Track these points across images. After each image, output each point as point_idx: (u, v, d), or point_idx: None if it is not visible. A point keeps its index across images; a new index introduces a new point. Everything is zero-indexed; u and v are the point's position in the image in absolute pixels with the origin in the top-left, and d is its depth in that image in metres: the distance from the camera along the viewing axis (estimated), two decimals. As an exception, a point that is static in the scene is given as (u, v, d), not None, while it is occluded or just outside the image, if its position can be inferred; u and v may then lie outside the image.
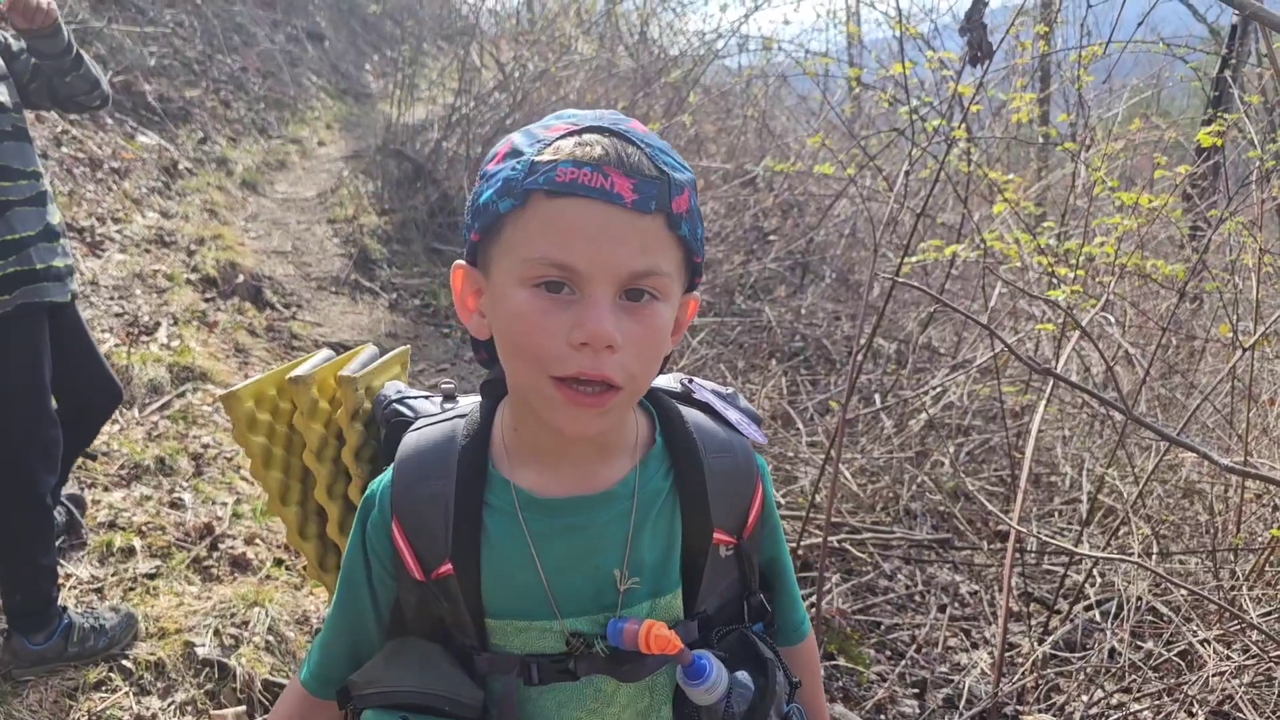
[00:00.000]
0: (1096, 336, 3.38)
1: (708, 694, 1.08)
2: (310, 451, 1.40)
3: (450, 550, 1.07)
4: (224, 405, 1.40)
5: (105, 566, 2.93)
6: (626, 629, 1.05)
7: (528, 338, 0.96)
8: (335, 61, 11.19)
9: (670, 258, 0.98)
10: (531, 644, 1.09)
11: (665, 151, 0.99)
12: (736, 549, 1.14)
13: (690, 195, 0.99)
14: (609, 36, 9.05)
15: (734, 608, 1.18)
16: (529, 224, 0.95)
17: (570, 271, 0.93)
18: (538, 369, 0.96)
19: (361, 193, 7.44)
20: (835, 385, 5.00)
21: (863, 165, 4.95)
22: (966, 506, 3.90)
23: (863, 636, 3.25)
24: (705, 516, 1.10)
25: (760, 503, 1.16)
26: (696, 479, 1.11)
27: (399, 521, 1.09)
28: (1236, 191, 3.69)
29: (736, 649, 1.15)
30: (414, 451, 1.12)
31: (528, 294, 0.95)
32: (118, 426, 3.67)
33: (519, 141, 0.98)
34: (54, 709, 2.37)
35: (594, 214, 0.92)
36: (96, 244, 5.06)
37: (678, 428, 1.13)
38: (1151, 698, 2.80)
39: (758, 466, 1.17)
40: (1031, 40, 3.41)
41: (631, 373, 0.97)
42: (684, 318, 1.08)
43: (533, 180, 0.94)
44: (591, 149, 0.94)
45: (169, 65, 7.89)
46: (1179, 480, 3.72)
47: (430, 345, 5.74)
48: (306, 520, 1.46)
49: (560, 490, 1.08)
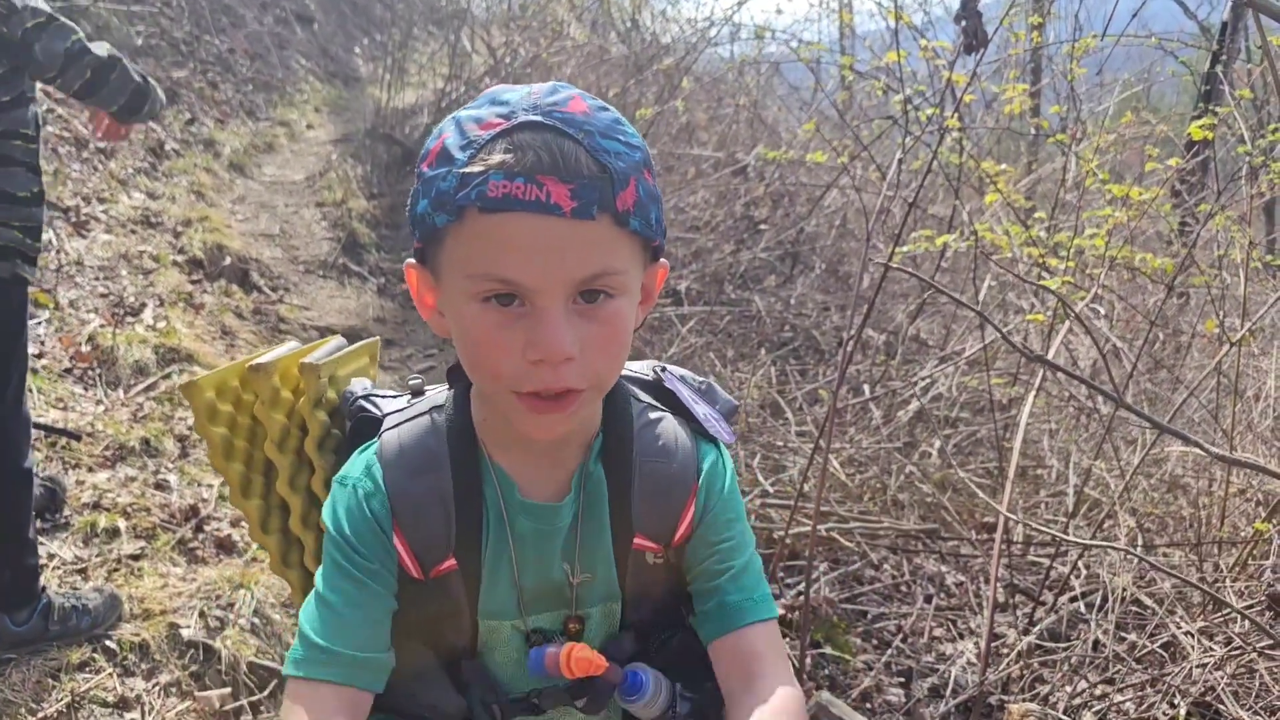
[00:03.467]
0: (1088, 328, 3.39)
1: (648, 708, 1.08)
2: (271, 442, 1.35)
3: (454, 544, 1.04)
4: (184, 395, 1.35)
5: (89, 547, 2.90)
6: (547, 655, 1.04)
7: (484, 356, 0.93)
8: (324, 44, 11.10)
9: (623, 254, 0.93)
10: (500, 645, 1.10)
11: (609, 132, 0.92)
12: (664, 557, 1.10)
13: (638, 183, 0.92)
14: (601, 22, 9.01)
15: (672, 614, 1.16)
16: (468, 241, 0.91)
17: (516, 286, 0.90)
18: (499, 385, 0.94)
19: (350, 176, 7.40)
20: (824, 375, 5.00)
21: (855, 155, 4.94)
22: (954, 498, 3.91)
23: (849, 625, 3.26)
24: (627, 521, 1.08)
25: (692, 513, 1.11)
26: (624, 484, 1.08)
27: (398, 521, 1.05)
28: (1225, 187, 3.70)
29: (680, 654, 1.14)
30: (399, 450, 1.08)
31: (478, 309, 0.92)
32: (103, 408, 3.64)
33: (450, 141, 0.92)
34: (36, 689, 2.35)
35: (532, 228, 0.87)
36: (82, 224, 5.01)
37: (617, 427, 1.09)
38: (1135, 688, 2.82)
39: (699, 473, 1.11)
40: (1025, 32, 3.41)
41: (596, 372, 0.95)
42: (654, 285, 1.04)
43: (464, 195, 0.88)
44: (524, 155, 0.87)
45: (156, 45, 7.82)
46: (1164, 474, 3.74)
47: (418, 330, 5.71)
48: (269, 514, 1.42)
49: (538, 488, 1.07)
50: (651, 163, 0.98)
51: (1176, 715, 2.63)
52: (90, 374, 3.82)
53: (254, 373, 1.33)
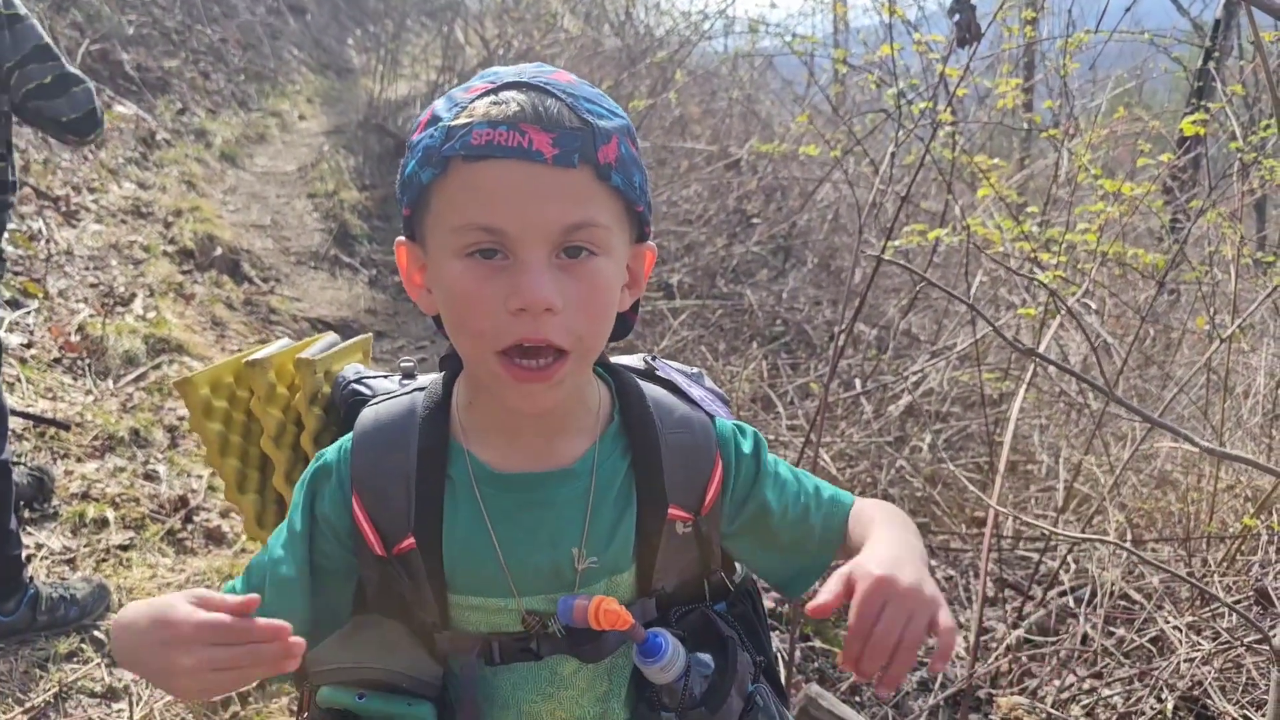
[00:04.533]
0: (1079, 322, 3.39)
1: (663, 672, 1.06)
2: (268, 437, 1.36)
3: (413, 523, 1.04)
4: (179, 392, 1.36)
5: (77, 538, 2.89)
6: (576, 605, 1.03)
7: (467, 310, 0.94)
8: (317, 35, 11.06)
9: (605, 209, 0.95)
10: (489, 622, 1.07)
11: (592, 100, 0.95)
12: (695, 525, 1.11)
13: (621, 142, 0.95)
14: (595, 15, 8.99)
15: (694, 587, 1.16)
16: (452, 192, 0.93)
17: (499, 235, 0.91)
18: (482, 345, 0.95)
19: (342, 168, 7.38)
20: (816, 369, 5.00)
21: (848, 150, 4.94)
22: (944, 492, 3.92)
23: (839, 619, 3.27)
24: (660, 493, 1.08)
25: (720, 476, 1.12)
26: (652, 455, 1.08)
27: (359, 496, 1.06)
28: (1216, 184, 3.71)
29: (697, 629, 1.13)
30: (373, 425, 1.09)
31: (462, 265, 0.93)
32: (92, 398, 3.62)
33: (439, 107, 0.96)
34: (24, 679, 2.35)
35: (515, 174, 0.90)
36: (72, 213, 4.99)
37: (635, 403, 1.11)
38: (1123, 682, 2.83)
39: (718, 441, 1.13)
40: (1019, 26, 3.41)
41: (578, 334, 0.95)
42: (641, 268, 1.05)
43: (450, 147, 0.91)
44: (506, 106, 0.91)
45: (147, 35, 7.78)
46: (1153, 470, 3.75)
47: (410, 322, 5.70)
48: (264, 509, 1.43)
49: (518, 466, 1.06)
50: (634, 134, 1.00)
51: (1164, 709, 2.64)
52: (79, 364, 3.81)
53: (250, 368, 1.35)
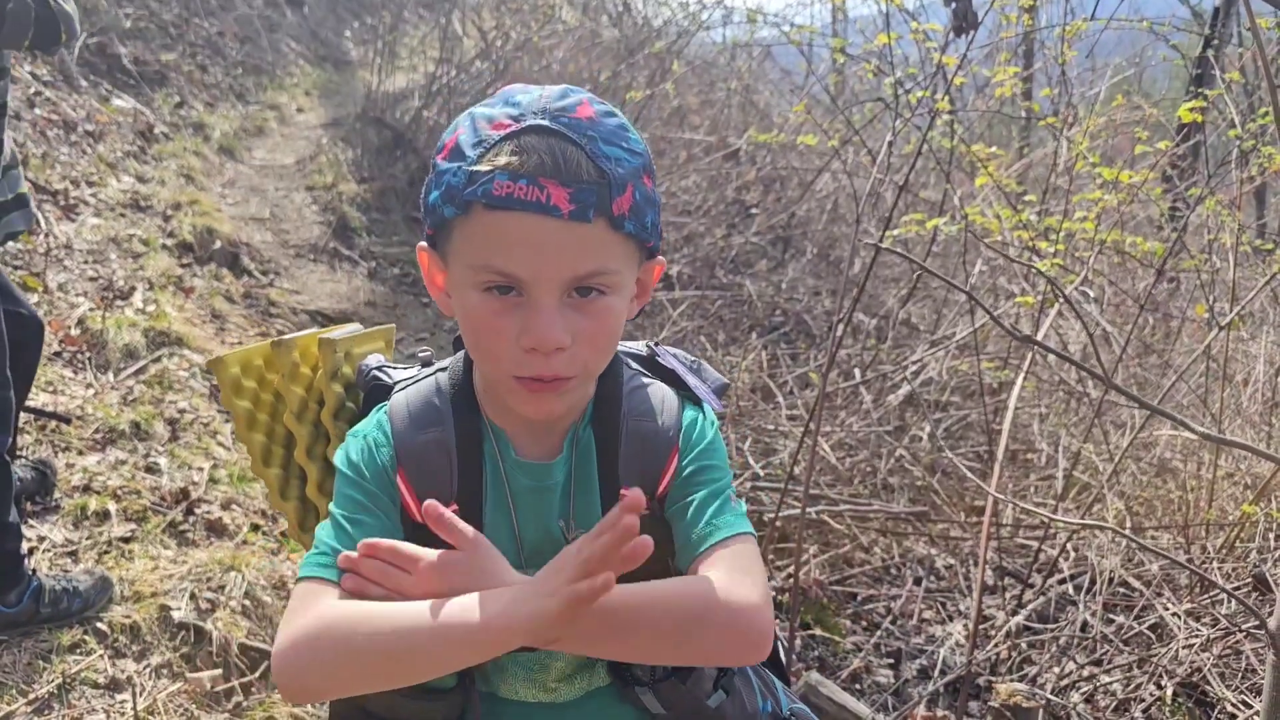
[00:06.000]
0: (1077, 311, 3.40)
1: None
2: (290, 413, 1.45)
3: (456, 489, 1.12)
4: (211, 369, 1.47)
5: (79, 530, 2.90)
6: None
7: (484, 340, 1.03)
8: (314, 28, 11.03)
9: (617, 255, 1.01)
10: None
11: (611, 138, 0.99)
12: (650, 510, 1.13)
13: (635, 189, 1.00)
14: (593, 6, 8.97)
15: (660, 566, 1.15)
16: (472, 234, 0.99)
17: (514, 279, 0.98)
18: (498, 369, 1.03)
19: (340, 160, 7.36)
20: (815, 359, 5.01)
21: (846, 140, 4.94)
22: (944, 481, 3.93)
23: (839, 607, 3.28)
24: (614, 477, 1.14)
25: (674, 467, 1.15)
26: (611, 442, 1.14)
27: (402, 467, 1.13)
28: (1215, 172, 3.71)
29: None
30: (405, 405, 1.17)
31: (479, 297, 1.00)
32: (92, 391, 3.63)
33: (464, 139, 1.00)
34: (28, 670, 2.35)
35: (532, 227, 0.96)
36: (70, 207, 4.99)
37: (608, 391, 1.16)
38: (1122, 669, 2.84)
39: (682, 430, 1.16)
40: (1017, 15, 3.41)
41: (585, 363, 1.03)
42: (649, 280, 1.12)
43: (471, 192, 0.97)
44: (527, 158, 0.95)
45: (145, 28, 7.76)
46: (1153, 458, 3.76)
47: (409, 314, 5.71)
48: (288, 482, 1.50)
49: (530, 454, 1.14)
50: (653, 168, 1.05)
51: (1163, 696, 2.65)
52: (80, 357, 3.81)
53: (276, 348, 1.44)
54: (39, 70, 5.98)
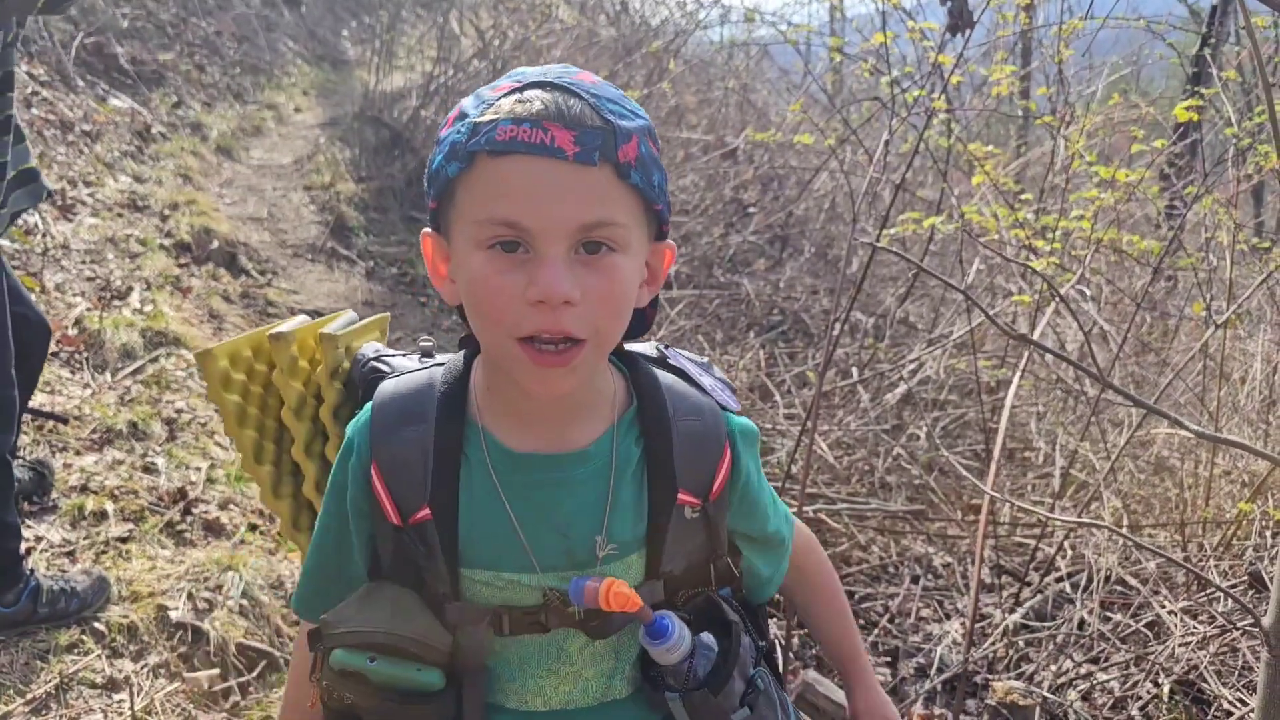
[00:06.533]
0: (1072, 310, 3.40)
1: (669, 653, 1.10)
2: (289, 409, 1.41)
3: (429, 495, 1.08)
4: (198, 363, 1.41)
5: (77, 530, 2.90)
6: (587, 587, 1.06)
7: (488, 299, 0.97)
8: (312, 27, 11.03)
9: (624, 208, 0.98)
10: (500, 595, 1.10)
11: (614, 100, 0.98)
12: (703, 511, 1.14)
13: (641, 142, 0.98)
14: (590, 5, 8.97)
15: (701, 571, 1.18)
16: (476, 186, 0.96)
17: (520, 230, 0.95)
18: (501, 332, 0.98)
19: (338, 160, 7.36)
20: (813, 358, 5.01)
21: (844, 139, 4.94)
22: (941, 479, 3.93)
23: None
24: (670, 478, 1.11)
25: (729, 465, 1.15)
26: (664, 440, 1.11)
27: (377, 465, 1.10)
28: (1212, 170, 3.71)
29: (703, 612, 1.16)
30: (391, 397, 1.14)
31: (484, 256, 0.97)
32: (90, 391, 3.63)
33: (467, 104, 0.99)
34: (25, 670, 2.35)
35: (537, 170, 0.93)
36: (68, 207, 4.99)
37: (648, 390, 1.14)
38: (1119, 667, 2.84)
39: (727, 430, 1.16)
40: (1014, 13, 3.41)
41: (595, 326, 0.98)
42: (660, 265, 1.08)
43: (475, 142, 0.95)
44: (530, 104, 0.94)
45: (142, 28, 7.76)
46: (1150, 456, 3.77)
47: (407, 314, 5.71)
48: (281, 479, 1.47)
49: (533, 447, 1.09)
50: (655, 135, 1.03)
51: (1160, 693, 2.66)
52: (77, 357, 3.81)
53: (274, 342, 1.39)
54: (36, 70, 5.98)
